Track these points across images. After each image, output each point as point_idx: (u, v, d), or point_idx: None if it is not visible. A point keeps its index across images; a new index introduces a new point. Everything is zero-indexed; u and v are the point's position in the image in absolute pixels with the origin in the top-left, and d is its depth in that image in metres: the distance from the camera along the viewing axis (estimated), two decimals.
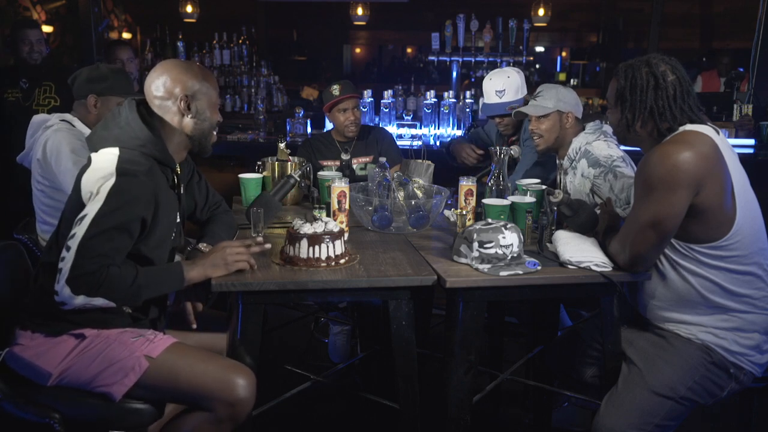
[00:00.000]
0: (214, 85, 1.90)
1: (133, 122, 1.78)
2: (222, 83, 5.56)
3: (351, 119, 3.05)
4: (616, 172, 2.28)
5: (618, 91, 1.89)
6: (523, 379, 2.52)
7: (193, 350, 1.81)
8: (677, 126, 1.83)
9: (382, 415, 2.21)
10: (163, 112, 1.83)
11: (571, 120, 2.47)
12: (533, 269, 1.88)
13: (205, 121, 1.87)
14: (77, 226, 1.64)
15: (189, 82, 1.83)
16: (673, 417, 1.88)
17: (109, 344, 1.74)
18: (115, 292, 1.67)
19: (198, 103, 1.84)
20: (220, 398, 1.71)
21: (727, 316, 1.86)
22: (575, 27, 7.00)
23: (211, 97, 1.87)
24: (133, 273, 1.70)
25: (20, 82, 3.71)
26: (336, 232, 1.92)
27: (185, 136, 1.87)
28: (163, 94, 1.82)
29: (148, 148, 1.77)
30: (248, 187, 2.47)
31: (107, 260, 1.64)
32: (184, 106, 1.82)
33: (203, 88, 1.85)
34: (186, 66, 1.87)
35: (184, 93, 1.82)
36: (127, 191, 1.68)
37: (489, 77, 2.96)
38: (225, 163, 4.19)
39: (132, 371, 1.70)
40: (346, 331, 3.22)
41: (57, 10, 5.99)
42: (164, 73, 1.83)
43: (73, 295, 1.62)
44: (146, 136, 1.77)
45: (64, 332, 1.74)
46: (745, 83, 5.01)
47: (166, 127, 1.84)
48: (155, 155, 1.79)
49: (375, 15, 5.97)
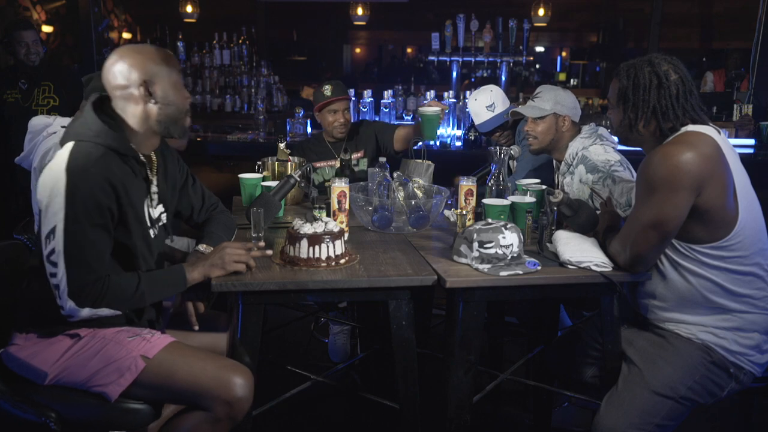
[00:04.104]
0: (175, 66, 1.79)
1: (88, 115, 1.72)
2: (222, 83, 5.56)
3: (341, 121, 3.08)
4: (615, 177, 2.28)
5: (620, 91, 1.89)
6: (523, 379, 2.52)
7: (190, 350, 1.81)
8: (680, 126, 1.83)
9: (382, 415, 2.21)
10: (125, 100, 1.74)
11: (567, 123, 2.48)
12: (533, 269, 1.88)
13: (170, 105, 1.77)
14: (52, 241, 1.61)
15: (146, 66, 1.73)
16: (674, 417, 1.88)
17: (105, 344, 1.73)
18: (119, 301, 1.69)
19: (159, 86, 1.74)
20: (217, 397, 1.70)
21: (728, 316, 1.86)
22: (575, 27, 7.00)
23: (172, 79, 1.77)
24: (136, 280, 1.71)
25: (19, 83, 3.71)
26: (336, 232, 1.92)
27: (152, 122, 1.77)
28: (122, 82, 1.72)
29: (101, 138, 1.69)
30: (248, 187, 2.47)
31: (99, 264, 1.64)
32: (145, 92, 1.73)
33: (162, 71, 1.75)
34: (141, 50, 1.77)
35: (143, 78, 1.72)
36: (83, 186, 1.62)
37: (473, 98, 3.04)
38: (225, 163, 4.20)
39: (128, 371, 1.70)
40: (346, 331, 3.22)
41: (57, 10, 5.99)
42: (119, 60, 1.73)
43: (78, 308, 1.64)
44: (99, 127, 1.70)
45: (59, 333, 1.74)
46: (745, 83, 5.01)
47: (129, 116, 1.76)
48: (109, 145, 1.70)
49: (375, 15, 5.97)
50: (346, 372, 3.05)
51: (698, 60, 7.13)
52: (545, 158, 2.74)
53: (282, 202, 2.32)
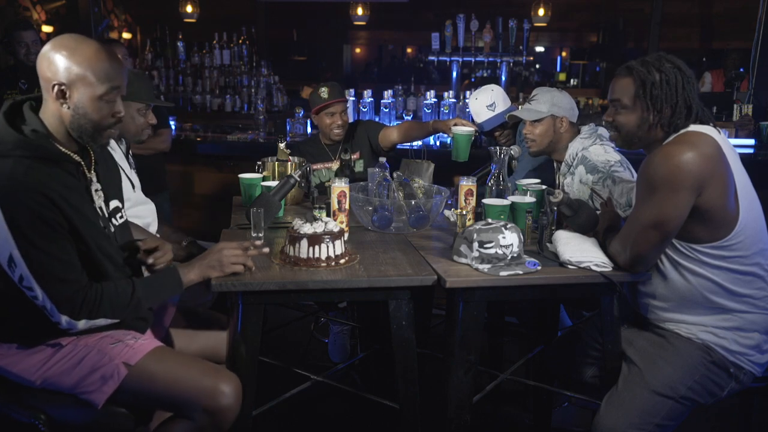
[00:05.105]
0: (107, 76, 1.60)
1: (1, 127, 1.58)
2: (222, 83, 5.56)
3: (338, 123, 3.08)
4: (615, 177, 2.28)
5: (642, 88, 1.82)
6: (523, 379, 2.51)
7: (174, 355, 1.76)
8: (690, 123, 1.82)
9: (382, 415, 2.20)
10: (47, 95, 1.61)
11: (565, 124, 2.48)
12: (533, 269, 1.88)
13: (82, 117, 1.60)
14: (16, 268, 1.54)
15: (72, 66, 1.57)
16: (674, 417, 1.88)
17: (88, 352, 1.69)
18: (116, 311, 1.66)
19: (76, 93, 1.58)
20: (199, 406, 1.65)
21: (728, 316, 1.86)
22: (575, 27, 6.99)
23: (95, 91, 1.59)
24: (130, 288, 1.67)
25: (19, 83, 3.71)
26: (336, 232, 1.91)
27: (66, 125, 1.62)
28: (46, 74, 1.58)
29: (20, 150, 1.55)
30: (248, 187, 2.47)
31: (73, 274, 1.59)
32: (59, 93, 1.58)
33: (88, 78, 1.58)
34: (75, 45, 1.59)
35: (59, 80, 1.57)
36: (20, 209, 1.51)
37: (474, 97, 3.04)
38: (225, 163, 4.20)
39: (111, 379, 1.65)
40: (346, 331, 3.23)
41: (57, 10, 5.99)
42: (53, 49, 1.59)
43: (75, 320, 1.60)
44: (14, 139, 1.56)
45: (40, 343, 1.69)
46: (745, 83, 5.01)
47: (48, 115, 1.62)
48: (32, 155, 1.56)
49: (375, 15, 5.97)
50: (346, 372, 3.05)
51: (698, 60, 7.13)
52: (546, 158, 2.73)
53: (282, 202, 2.32)
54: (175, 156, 3.84)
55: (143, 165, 2.71)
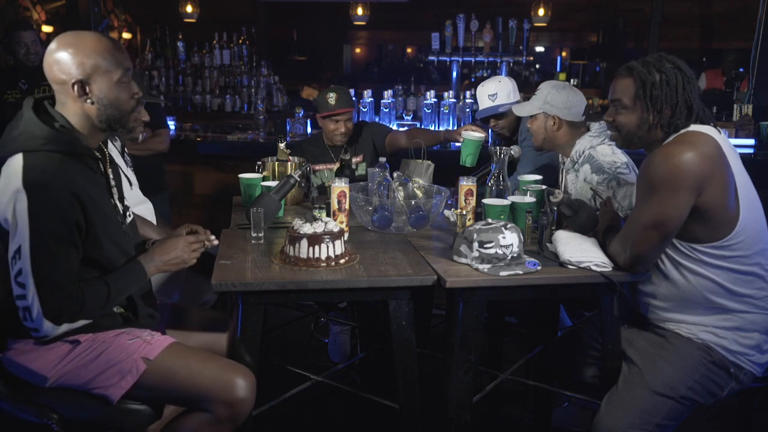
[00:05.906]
0: (117, 59, 1.64)
1: (30, 122, 1.61)
2: (222, 83, 5.55)
3: (341, 131, 3.10)
4: (620, 180, 2.25)
5: (642, 88, 1.82)
6: (523, 379, 2.51)
7: (191, 351, 1.80)
8: (690, 123, 1.82)
9: (382, 415, 2.20)
10: (64, 97, 1.64)
11: (557, 123, 2.41)
12: (533, 269, 1.88)
13: (109, 106, 1.65)
14: (18, 262, 1.55)
15: (83, 61, 1.60)
16: (674, 417, 1.88)
17: (106, 347, 1.72)
18: (93, 310, 1.67)
19: (96, 85, 1.63)
20: (218, 399, 1.70)
21: (728, 316, 1.86)
22: (575, 27, 6.99)
23: (113, 76, 1.64)
24: (105, 288, 1.68)
25: (19, 83, 3.71)
26: (336, 232, 1.91)
27: (94, 121, 1.67)
28: (59, 76, 1.62)
29: (51, 145, 1.59)
30: (248, 187, 2.47)
31: (70, 279, 1.60)
32: (80, 91, 1.62)
33: (102, 66, 1.62)
34: (79, 41, 1.62)
35: (77, 77, 1.61)
36: (45, 204, 1.54)
37: (482, 84, 3.05)
38: (225, 163, 4.19)
39: (129, 374, 1.69)
40: (346, 331, 3.22)
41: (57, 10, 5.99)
42: (57, 51, 1.61)
43: (56, 326, 1.60)
44: (45, 133, 1.59)
45: (57, 339, 1.70)
46: (745, 83, 5.01)
47: (70, 113, 1.66)
48: (62, 150, 1.60)
49: (375, 15, 5.97)
50: (346, 372, 3.05)
51: (698, 60, 7.13)
52: (547, 158, 2.73)
53: (282, 202, 2.32)
54: (175, 156, 3.83)
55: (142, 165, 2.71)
